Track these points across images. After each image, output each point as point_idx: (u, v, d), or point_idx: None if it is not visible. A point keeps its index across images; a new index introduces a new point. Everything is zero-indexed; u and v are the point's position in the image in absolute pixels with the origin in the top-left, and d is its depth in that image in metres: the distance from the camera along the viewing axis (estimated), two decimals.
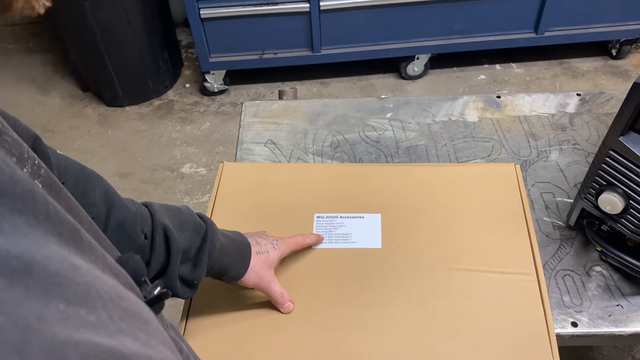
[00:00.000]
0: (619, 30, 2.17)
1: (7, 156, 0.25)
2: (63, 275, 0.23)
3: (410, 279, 0.77)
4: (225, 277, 0.67)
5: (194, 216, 0.64)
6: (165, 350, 0.29)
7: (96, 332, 0.23)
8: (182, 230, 0.60)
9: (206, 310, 0.75)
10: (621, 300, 0.77)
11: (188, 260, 0.61)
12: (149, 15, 2.07)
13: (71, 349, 0.21)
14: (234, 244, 0.67)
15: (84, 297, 0.24)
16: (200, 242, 0.62)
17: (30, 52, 2.52)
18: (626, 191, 0.71)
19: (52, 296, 0.22)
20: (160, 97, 2.29)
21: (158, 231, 0.58)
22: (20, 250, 0.22)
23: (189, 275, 0.61)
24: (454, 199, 0.86)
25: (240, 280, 0.68)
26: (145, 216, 0.58)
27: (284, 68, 2.27)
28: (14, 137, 0.30)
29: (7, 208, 0.23)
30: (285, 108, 1.11)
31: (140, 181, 1.98)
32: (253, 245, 0.69)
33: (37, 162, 0.31)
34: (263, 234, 0.75)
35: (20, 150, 0.30)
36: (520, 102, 1.10)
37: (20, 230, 0.23)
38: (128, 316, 0.26)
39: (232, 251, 0.66)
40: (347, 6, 2.02)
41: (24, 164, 0.29)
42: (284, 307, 0.73)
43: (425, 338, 0.70)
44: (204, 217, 0.65)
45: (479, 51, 2.25)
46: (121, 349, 0.23)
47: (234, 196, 0.89)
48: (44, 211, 0.25)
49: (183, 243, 0.59)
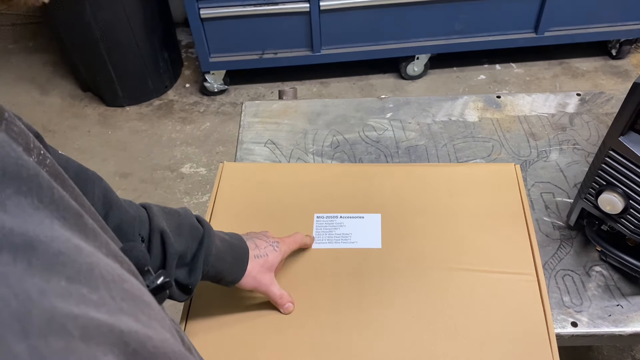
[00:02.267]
0: (619, 30, 2.17)
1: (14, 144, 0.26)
2: (67, 254, 0.24)
3: (410, 279, 0.77)
4: (222, 281, 0.67)
5: (192, 220, 0.63)
6: (165, 333, 0.29)
7: (97, 309, 0.23)
8: (179, 235, 0.60)
9: (206, 310, 0.75)
10: (621, 300, 0.77)
11: (184, 265, 0.61)
12: (149, 15, 2.07)
13: (70, 321, 0.21)
14: (231, 249, 0.66)
15: (87, 276, 0.24)
16: (197, 247, 0.62)
17: (30, 52, 2.52)
18: (626, 191, 0.71)
19: (54, 274, 0.22)
20: (160, 97, 2.29)
21: (155, 235, 0.58)
22: (25, 229, 0.23)
23: (185, 280, 0.61)
24: (454, 199, 0.86)
25: (238, 284, 0.68)
26: (143, 219, 0.58)
27: (284, 68, 2.27)
28: (20, 127, 0.30)
29: (13, 190, 0.24)
30: (285, 108, 1.11)
31: (140, 181, 1.98)
32: (252, 248, 0.69)
33: (42, 152, 0.31)
34: (264, 235, 0.74)
35: (26, 140, 0.30)
36: (520, 102, 1.10)
37: (25, 211, 0.24)
38: (130, 298, 0.27)
39: (228, 256, 0.65)
40: (347, 6, 2.02)
41: (30, 154, 0.30)
42: (284, 308, 0.73)
43: (425, 338, 0.70)
44: (202, 221, 0.65)
45: (479, 51, 2.25)
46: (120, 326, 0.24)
47: (234, 196, 0.89)
48: (49, 195, 0.26)
49: (179, 247, 0.60)
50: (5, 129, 0.27)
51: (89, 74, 2.22)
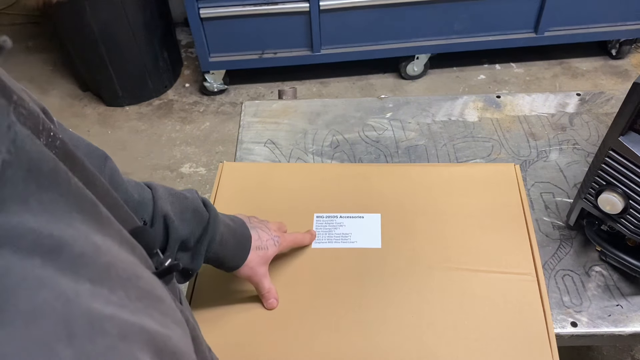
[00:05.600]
0: (619, 30, 2.17)
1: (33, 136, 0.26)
2: (88, 256, 0.24)
3: (410, 279, 0.76)
4: (222, 267, 0.67)
5: (198, 204, 0.63)
6: (177, 329, 0.30)
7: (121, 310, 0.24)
8: (183, 220, 0.60)
9: (204, 308, 0.75)
10: (621, 300, 0.77)
11: (187, 250, 0.61)
12: (149, 15, 2.07)
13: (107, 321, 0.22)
14: (234, 236, 0.66)
15: (106, 277, 0.25)
16: (201, 232, 0.61)
17: (30, 52, 2.52)
18: (626, 191, 0.71)
19: (80, 276, 0.23)
20: (160, 96, 2.29)
21: (158, 219, 0.57)
22: (50, 230, 0.23)
23: (187, 264, 0.61)
24: (454, 199, 0.86)
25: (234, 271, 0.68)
26: (147, 203, 0.58)
27: (284, 68, 2.27)
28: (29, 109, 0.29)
29: (36, 186, 0.24)
30: (285, 108, 1.11)
31: (140, 181, 1.98)
32: (254, 239, 0.69)
33: (52, 133, 0.31)
34: (266, 226, 0.74)
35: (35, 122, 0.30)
36: (520, 102, 1.10)
37: (47, 208, 0.24)
38: (144, 296, 0.27)
39: (231, 243, 0.65)
40: (347, 6, 2.02)
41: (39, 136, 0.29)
42: (268, 303, 0.73)
43: (425, 338, 0.70)
44: (209, 205, 0.64)
45: (479, 51, 2.25)
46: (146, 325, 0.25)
47: (233, 196, 0.89)
48: (67, 187, 0.26)
49: (183, 232, 0.59)
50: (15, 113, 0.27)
51: (88, 74, 2.22)
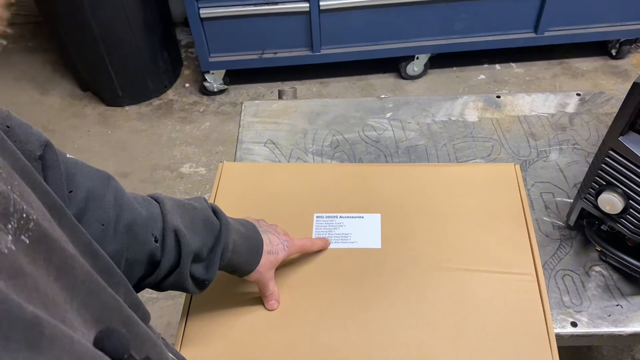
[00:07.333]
0: (619, 30, 2.17)
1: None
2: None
3: (410, 279, 0.76)
4: (235, 273, 0.67)
5: (208, 213, 0.62)
6: None
7: None
8: (194, 231, 0.59)
9: (206, 310, 0.75)
10: (621, 300, 0.77)
11: (200, 261, 0.60)
12: (149, 14, 2.07)
13: None
14: (247, 242, 0.66)
15: None
16: (213, 242, 0.61)
17: (30, 52, 2.51)
18: (626, 191, 0.71)
19: None
20: (160, 96, 2.29)
21: (169, 234, 0.56)
22: None
23: (202, 275, 0.61)
24: (454, 199, 0.86)
25: None
26: (156, 218, 0.57)
27: (284, 68, 2.27)
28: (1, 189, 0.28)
29: None
30: (285, 108, 1.11)
31: (140, 181, 1.98)
32: (266, 243, 0.69)
33: (24, 215, 0.29)
34: (275, 230, 0.74)
35: (5, 205, 0.28)
36: (520, 102, 1.10)
37: None
38: None
39: (244, 249, 0.65)
40: (347, 6, 2.02)
41: (8, 220, 0.28)
42: (269, 304, 0.74)
43: (425, 338, 0.70)
44: (219, 213, 0.63)
45: (479, 51, 2.25)
46: None
47: (233, 196, 0.89)
48: None
49: (195, 245, 0.58)
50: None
51: (88, 74, 2.22)
